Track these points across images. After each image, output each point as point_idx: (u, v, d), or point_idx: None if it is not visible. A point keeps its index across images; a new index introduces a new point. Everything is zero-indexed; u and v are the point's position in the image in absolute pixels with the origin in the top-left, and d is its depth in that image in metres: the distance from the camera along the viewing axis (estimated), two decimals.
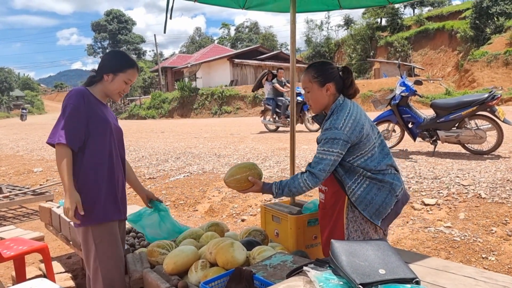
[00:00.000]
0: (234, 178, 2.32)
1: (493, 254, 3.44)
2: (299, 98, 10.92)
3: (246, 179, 2.29)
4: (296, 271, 1.64)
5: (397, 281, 1.38)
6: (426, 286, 1.35)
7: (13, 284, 3.40)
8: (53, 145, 2.15)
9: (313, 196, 4.95)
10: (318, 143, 2.20)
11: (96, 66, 2.40)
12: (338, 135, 2.07)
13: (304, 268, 1.55)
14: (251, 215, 5.09)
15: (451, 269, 1.52)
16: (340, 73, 2.26)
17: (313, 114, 2.50)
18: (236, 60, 34.09)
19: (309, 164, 2.16)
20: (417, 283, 1.38)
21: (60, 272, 3.65)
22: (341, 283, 1.41)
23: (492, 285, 1.37)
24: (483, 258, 3.42)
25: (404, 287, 1.34)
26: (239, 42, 61.99)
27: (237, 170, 2.34)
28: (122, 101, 41.61)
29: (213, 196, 5.87)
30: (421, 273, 1.47)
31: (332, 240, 1.58)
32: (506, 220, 3.84)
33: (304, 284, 1.47)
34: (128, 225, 3.47)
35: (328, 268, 1.55)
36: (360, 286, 1.35)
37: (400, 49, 35.89)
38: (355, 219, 2.15)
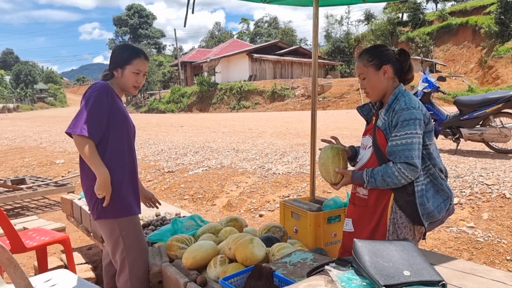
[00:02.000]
0: (324, 170, 2.13)
1: None
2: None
3: (334, 171, 2.08)
4: (317, 270, 1.61)
5: (423, 283, 1.33)
6: None
7: (35, 274, 3.48)
8: (70, 135, 2.16)
9: (332, 193, 4.90)
10: (383, 129, 2.01)
11: None
12: (418, 114, 1.91)
13: (326, 267, 1.52)
14: (269, 210, 5.07)
15: (478, 272, 1.47)
16: (397, 56, 2.10)
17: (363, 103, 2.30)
18: (255, 55, 34.03)
19: (393, 155, 1.92)
20: (444, 286, 1.33)
21: (81, 263, 3.70)
22: (364, 283, 1.38)
23: None
24: (507, 260, 3.33)
25: None
26: (258, 37, 61.85)
27: (333, 151, 2.13)
28: (142, 95, 42.09)
29: (231, 190, 5.87)
30: (447, 275, 1.42)
31: (354, 239, 1.54)
32: None
33: (325, 284, 1.44)
34: (147, 218, 3.51)
35: (350, 268, 1.52)
36: (384, 287, 1.31)
37: (421, 45, 35.23)
38: (395, 221, 1.99)
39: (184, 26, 3.04)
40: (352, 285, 1.37)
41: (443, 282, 1.35)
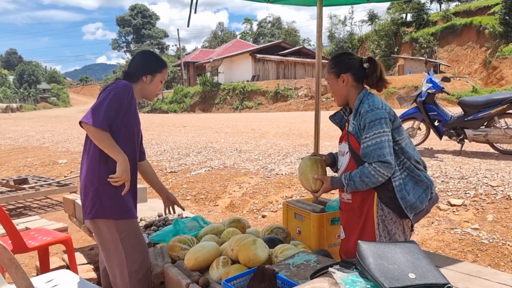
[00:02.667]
0: (304, 179, 2.21)
1: None
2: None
3: (313, 178, 2.16)
4: (321, 272, 1.59)
5: (428, 286, 1.31)
6: None
7: (37, 274, 3.47)
8: (80, 125, 2.13)
9: (335, 194, 4.87)
10: (354, 134, 2.09)
11: (120, 60, 2.40)
12: (383, 114, 1.99)
13: (330, 269, 1.50)
14: (272, 211, 5.05)
15: (484, 275, 1.44)
16: (365, 64, 2.16)
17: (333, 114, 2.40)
18: (258, 55, 34.02)
19: (367, 156, 1.99)
20: None
21: (83, 264, 3.69)
22: (368, 286, 1.36)
23: None
24: None
25: None
26: (261, 37, 61.84)
27: (311, 161, 2.24)
28: None
29: (234, 191, 5.85)
30: (453, 278, 1.40)
31: (359, 241, 1.52)
32: None
33: (329, 286, 1.43)
34: (149, 218, 3.50)
35: (354, 270, 1.50)
36: None
37: (425, 45, 35.08)
38: (383, 218, 2.03)
39: (188, 26, 3.03)
40: None
41: (449, 285, 1.32)
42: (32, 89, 59.71)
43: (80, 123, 2.12)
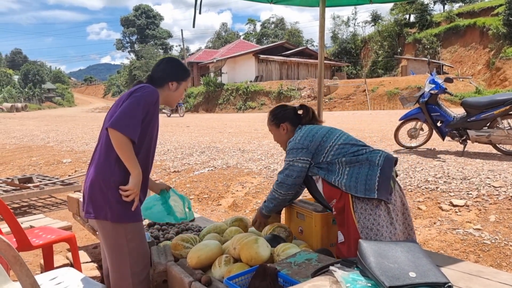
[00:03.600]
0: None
1: None
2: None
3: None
4: (322, 271, 1.61)
5: (429, 285, 1.33)
6: None
7: (41, 272, 3.49)
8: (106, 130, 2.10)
9: None
10: None
11: (124, 61, 2.41)
12: (295, 145, 2.41)
13: (331, 267, 1.51)
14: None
15: (485, 274, 1.45)
16: (299, 111, 2.63)
17: None
18: (262, 56, 34.04)
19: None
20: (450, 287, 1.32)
21: (87, 262, 3.72)
22: (369, 284, 1.38)
23: None
24: None
25: None
26: (264, 38, 61.83)
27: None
28: None
29: (237, 191, 5.87)
30: (453, 277, 1.41)
31: (360, 240, 1.54)
32: None
33: (330, 284, 1.44)
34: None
35: (355, 268, 1.51)
36: None
37: (428, 46, 35.03)
38: (361, 210, 2.19)
39: (193, 26, 3.06)
40: (357, 286, 1.36)
41: (449, 284, 1.34)
42: (37, 88, 59.98)
43: (107, 128, 2.07)
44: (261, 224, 2.71)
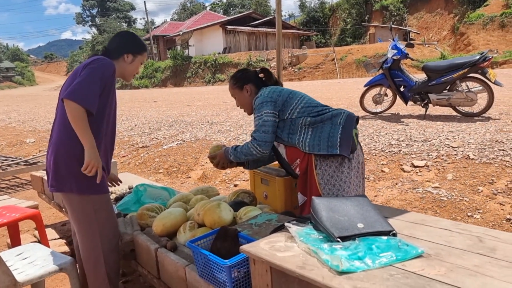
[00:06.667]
0: (209, 155, 2.77)
1: (479, 212, 3.52)
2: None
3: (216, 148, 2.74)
4: (280, 229, 1.68)
5: (375, 234, 1.42)
6: (402, 238, 1.39)
7: None
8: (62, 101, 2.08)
9: None
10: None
11: (86, 35, 2.36)
12: (261, 99, 2.39)
13: (286, 224, 1.59)
14: (244, 180, 5.14)
15: (428, 222, 1.56)
16: (260, 74, 2.64)
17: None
18: (229, 27, 33.46)
19: (254, 132, 2.41)
20: (394, 235, 1.42)
21: (55, 239, 3.71)
22: (321, 237, 1.45)
23: (466, 236, 1.41)
24: (468, 216, 3.51)
25: (380, 238, 1.38)
26: (231, 8, 60.59)
27: (214, 148, 2.79)
28: None
29: (206, 163, 5.90)
30: (399, 226, 1.51)
31: (313, 197, 1.61)
32: (492, 180, 3.91)
33: (285, 239, 1.51)
34: (120, 191, 3.52)
35: (309, 224, 1.59)
36: (338, 239, 1.38)
37: (395, 13, 35.27)
38: (322, 169, 2.27)
39: None
40: (310, 239, 1.44)
41: (394, 232, 1.43)
42: None
43: (63, 99, 2.03)
44: (220, 164, 2.69)
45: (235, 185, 5.08)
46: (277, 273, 1.37)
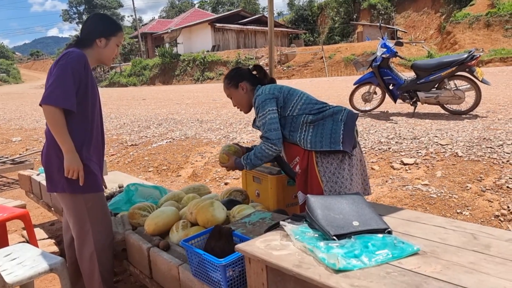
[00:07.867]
0: (219, 155, 2.66)
1: (467, 209, 3.56)
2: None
3: (224, 155, 2.58)
4: (274, 227, 1.68)
5: (370, 232, 1.42)
6: (397, 236, 1.40)
7: None
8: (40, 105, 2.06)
9: None
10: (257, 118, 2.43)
11: (73, 33, 2.32)
12: (263, 97, 2.35)
13: (281, 222, 1.58)
14: (234, 178, 5.13)
15: (422, 219, 1.57)
16: (254, 71, 2.60)
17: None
18: (218, 25, 33.35)
19: (261, 135, 2.38)
20: (389, 233, 1.42)
21: (44, 238, 3.66)
22: (316, 235, 1.45)
23: (460, 233, 1.42)
24: (457, 213, 3.55)
25: (376, 236, 1.38)
26: (220, 6, 60.39)
27: (225, 149, 2.64)
28: (102, 69, 40.59)
29: (196, 161, 5.87)
30: (394, 224, 1.51)
31: (308, 195, 1.61)
32: (481, 177, 3.96)
33: (281, 238, 1.51)
34: (110, 190, 3.48)
35: (304, 222, 1.59)
36: (334, 237, 1.38)
37: (383, 12, 35.48)
38: (324, 166, 2.24)
39: None
40: (305, 237, 1.44)
41: (389, 229, 1.44)
42: None
43: (41, 105, 2.03)
44: (229, 169, 2.66)
45: (226, 183, 5.07)
46: (273, 272, 1.37)
